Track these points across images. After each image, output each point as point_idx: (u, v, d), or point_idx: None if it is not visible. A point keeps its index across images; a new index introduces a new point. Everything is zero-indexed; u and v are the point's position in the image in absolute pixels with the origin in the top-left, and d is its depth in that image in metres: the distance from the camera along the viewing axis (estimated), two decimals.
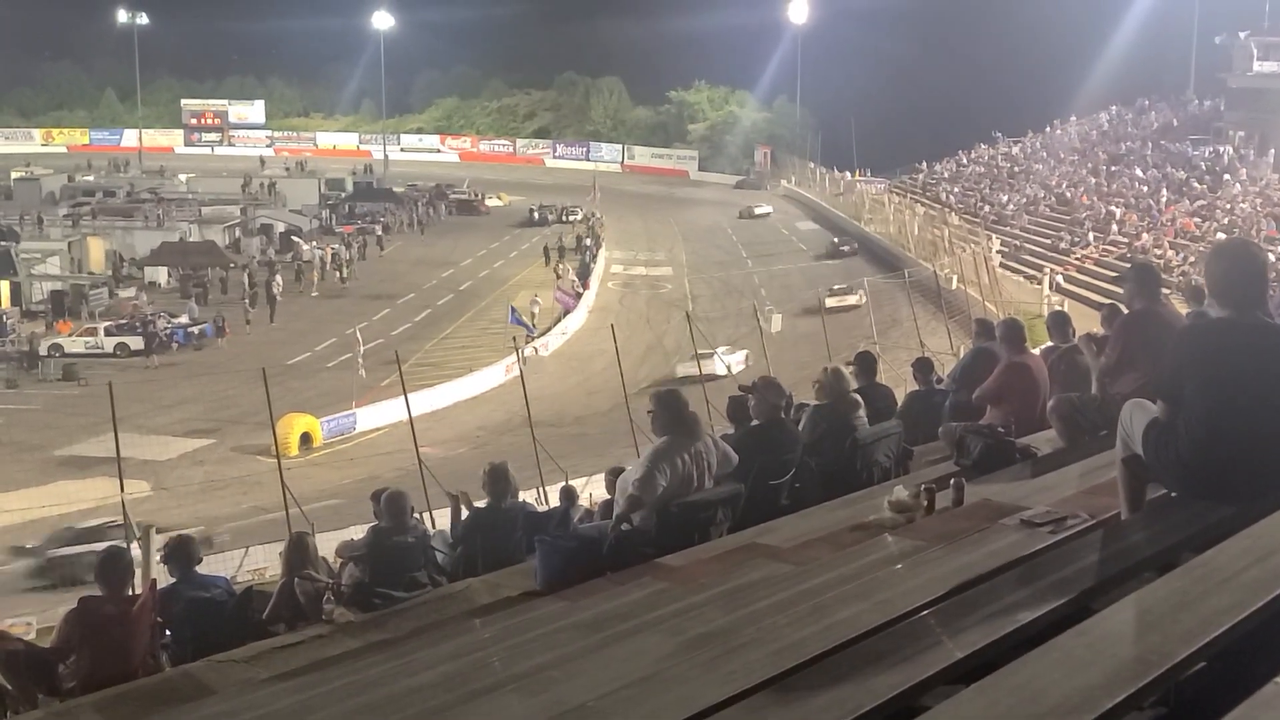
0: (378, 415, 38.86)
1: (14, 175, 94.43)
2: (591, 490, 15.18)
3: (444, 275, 66.18)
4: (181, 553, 8.50)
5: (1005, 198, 68.51)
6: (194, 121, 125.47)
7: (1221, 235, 41.69)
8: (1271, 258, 28.63)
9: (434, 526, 12.18)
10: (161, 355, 48.00)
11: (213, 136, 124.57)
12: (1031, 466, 7.48)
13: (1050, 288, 46.09)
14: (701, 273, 66.67)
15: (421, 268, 68.04)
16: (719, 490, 7.74)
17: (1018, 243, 57.93)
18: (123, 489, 22.34)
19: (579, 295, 58.42)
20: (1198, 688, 3.41)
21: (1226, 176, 53.80)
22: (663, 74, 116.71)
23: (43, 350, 47.36)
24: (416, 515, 9.88)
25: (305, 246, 68.63)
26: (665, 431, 7.67)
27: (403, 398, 28.04)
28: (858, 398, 9.27)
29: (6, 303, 53.84)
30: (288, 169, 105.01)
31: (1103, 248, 51.63)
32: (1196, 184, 54.52)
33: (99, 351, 47.58)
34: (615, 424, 25.34)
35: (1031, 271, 51.35)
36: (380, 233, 77.14)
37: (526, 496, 13.67)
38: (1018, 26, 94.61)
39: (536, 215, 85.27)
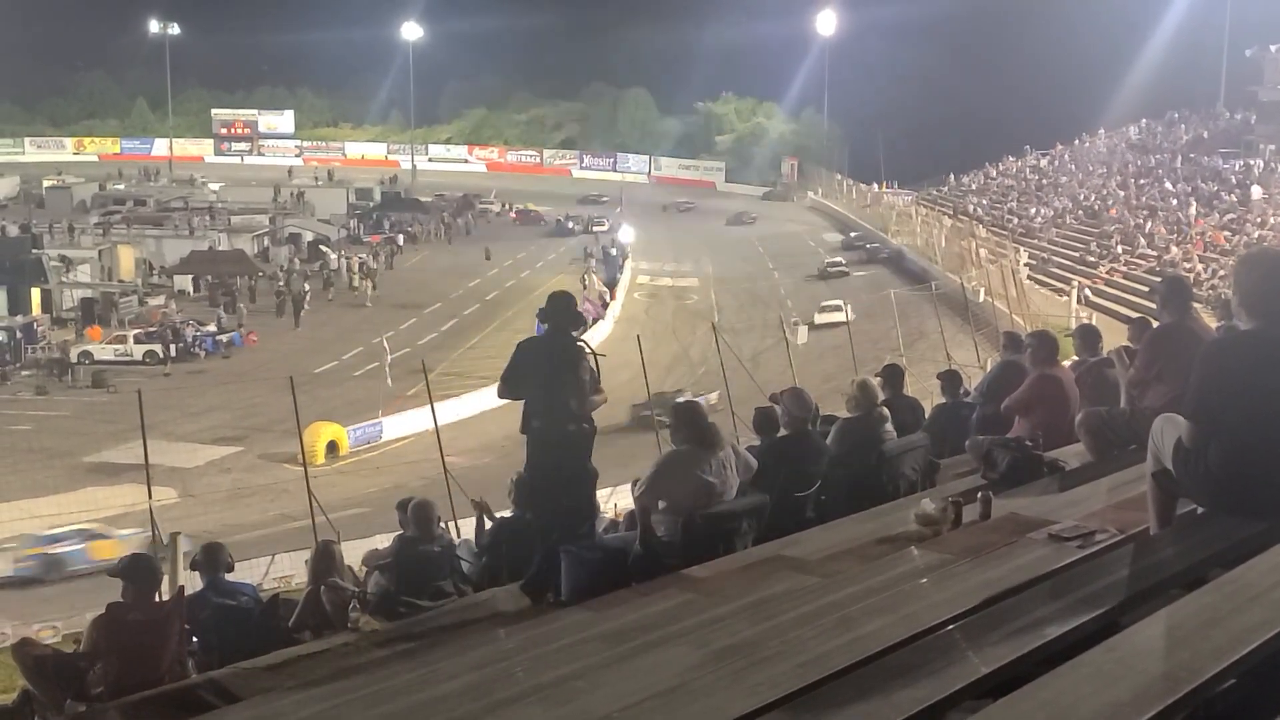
0: (404, 424, 38.97)
1: (46, 184, 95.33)
2: (616, 501, 15.15)
3: (471, 285, 66.37)
4: (211, 559, 8.54)
5: (1033, 210, 68.28)
6: (224, 131, 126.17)
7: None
8: None
9: (459, 536, 12.19)
10: (187, 363, 48.39)
11: (242, 146, 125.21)
12: (1059, 480, 7.43)
13: (1079, 301, 45.87)
14: (727, 284, 66.61)
15: (448, 277, 68.23)
16: (742, 501, 7.73)
17: (1046, 255, 57.71)
18: (150, 496, 22.44)
19: (605, 305, 58.47)
20: (1227, 705, 3.39)
21: (1256, 189, 53.43)
22: (690, 85, 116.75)
23: (73, 357, 47.72)
24: (442, 525, 9.90)
25: (333, 256, 68.99)
26: (681, 443, 7.70)
27: (429, 407, 28.08)
28: (886, 411, 9.24)
29: (37, 310, 54.23)
30: (316, 179, 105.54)
31: (1131, 261, 51.35)
32: (1226, 197, 54.21)
33: (128, 359, 47.93)
34: (640, 435, 25.34)
35: (1060, 284, 51.11)
36: (400, 243, 77.62)
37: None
38: (1047, 39, 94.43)
39: (571, 225, 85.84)
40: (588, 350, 7.95)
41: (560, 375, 7.70)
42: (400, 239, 78.73)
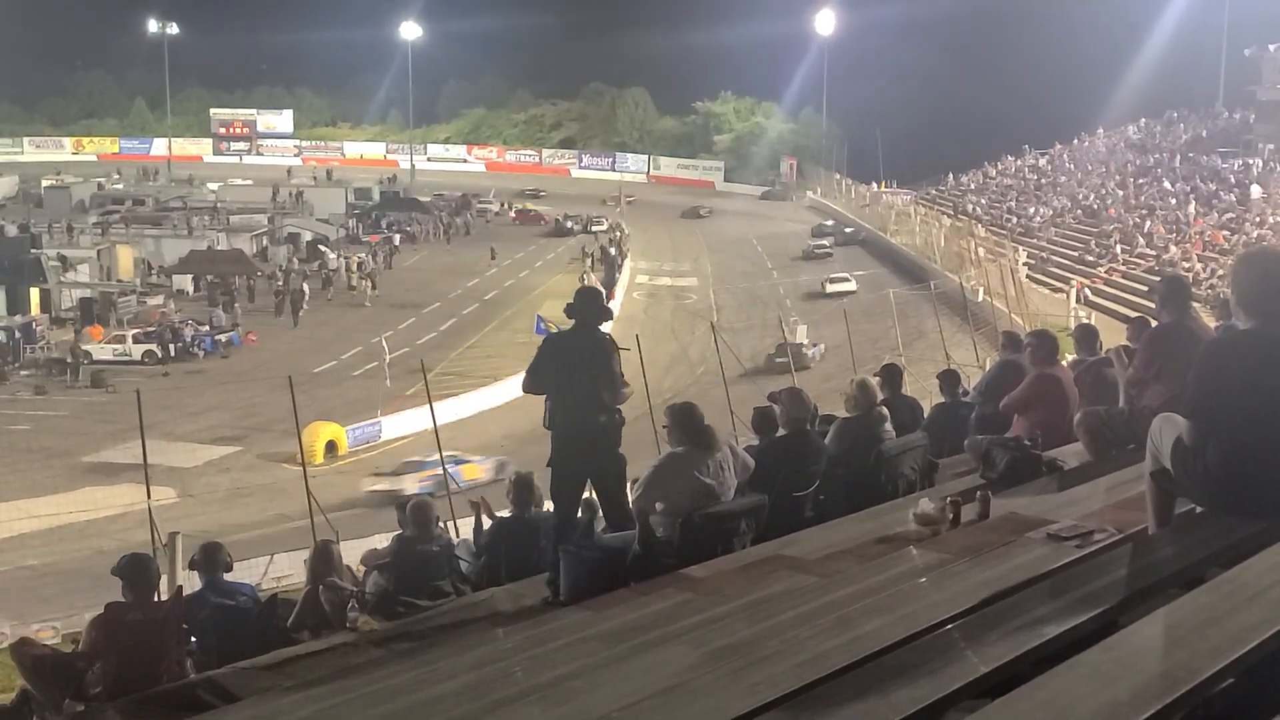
0: (403, 424, 38.97)
1: (44, 183, 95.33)
2: None
3: (469, 284, 66.38)
4: (210, 559, 8.53)
5: (1032, 210, 68.31)
6: (223, 130, 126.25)
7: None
8: None
9: (458, 536, 12.19)
10: (186, 363, 48.38)
11: (241, 145, 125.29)
12: (1058, 480, 7.43)
13: (1077, 300, 45.91)
14: (726, 283, 66.60)
15: (447, 277, 68.25)
16: (741, 501, 7.72)
17: (1045, 255, 57.73)
18: (149, 496, 22.44)
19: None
20: (1225, 704, 3.39)
21: (1255, 188, 53.45)
22: (689, 85, 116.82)
23: (70, 357, 47.63)
24: (441, 524, 9.91)
25: (332, 255, 69.00)
26: (678, 444, 7.68)
27: (428, 406, 28.10)
28: (885, 410, 9.23)
29: (36, 310, 54.18)
30: (315, 178, 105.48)
31: (1130, 260, 51.37)
32: (1225, 196, 54.23)
33: (126, 359, 47.88)
34: (640, 435, 25.35)
35: (1058, 284, 51.14)
36: (396, 243, 77.53)
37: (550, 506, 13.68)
38: (1046, 38, 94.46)
39: (570, 225, 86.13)
40: (613, 344, 8.22)
41: (587, 369, 7.89)
42: (396, 239, 78.67)
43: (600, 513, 11.63)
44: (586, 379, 7.86)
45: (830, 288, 59.88)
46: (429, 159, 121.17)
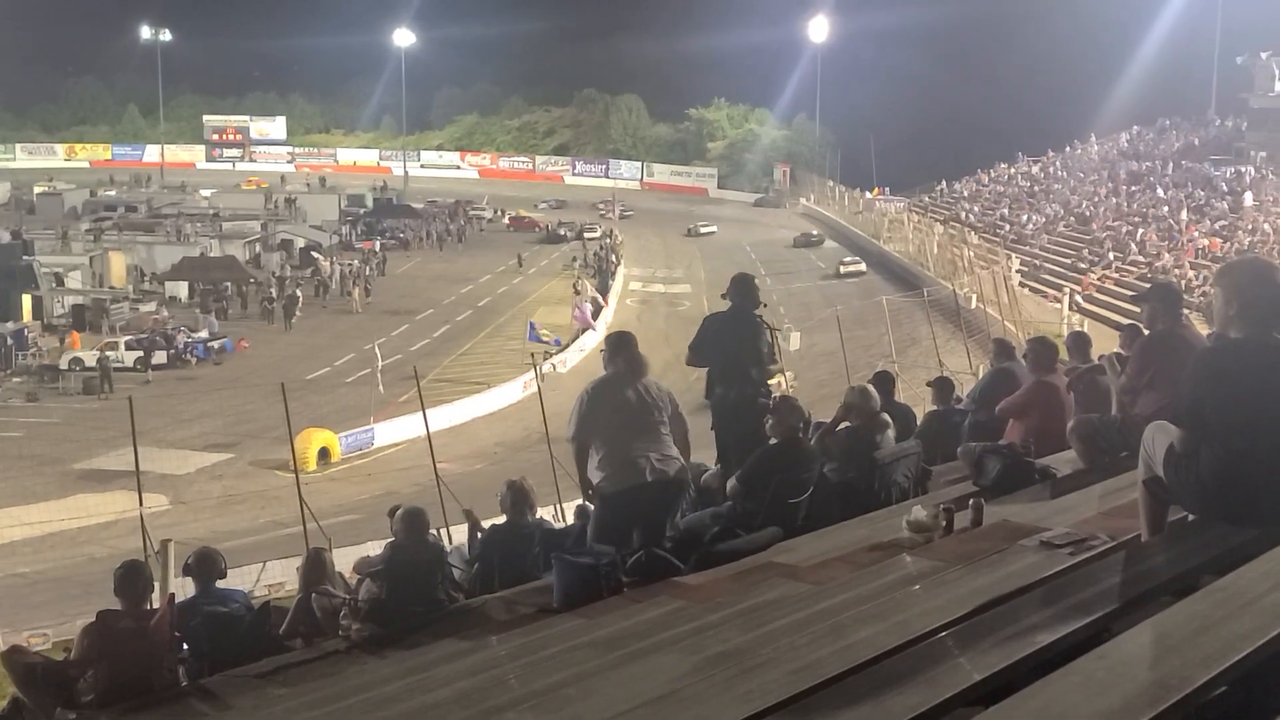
0: (396, 431, 38.90)
1: (37, 190, 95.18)
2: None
3: (463, 291, 66.34)
4: (204, 566, 8.51)
5: (1025, 217, 68.38)
6: (216, 137, 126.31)
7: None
8: None
9: (451, 543, 12.17)
10: (179, 369, 48.30)
11: (234, 152, 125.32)
12: (1051, 487, 7.44)
13: (1070, 307, 45.93)
14: (720, 290, 66.35)
15: (440, 283, 68.24)
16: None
17: (1037, 262, 57.77)
18: (141, 503, 22.38)
19: (598, 311, 58.39)
20: (1218, 712, 3.39)
21: (1248, 196, 53.55)
22: (682, 91, 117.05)
23: (63, 364, 47.49)
24: (434, 531, 9.88)
25: (324, 262, 68.96)
26: (609, 366, 7.85)
27: (421, 413, 28.06)
28: (887, 418, 9.24)
29: (28, 316, 54.08)
30: (308, 185, 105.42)
31: (1122, 267, 51.45)
32: (1217, 204, 54.32)
33: (119, 365, 47.74)
34: None
35: (1051, 291, 51.17)
36: (378, 248, 77.16)
37: (544, 513, 13.68)
38: (1039, 46, 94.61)
39: (564, 232, 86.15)
40: (767, 326, 9.24)
41: (742, 346, 8.93)
42: (378, 245, 78.24)
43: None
44: (738, 356, 8.84)
45: (844, 269, 69.68)
46: (422, 165, 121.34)
